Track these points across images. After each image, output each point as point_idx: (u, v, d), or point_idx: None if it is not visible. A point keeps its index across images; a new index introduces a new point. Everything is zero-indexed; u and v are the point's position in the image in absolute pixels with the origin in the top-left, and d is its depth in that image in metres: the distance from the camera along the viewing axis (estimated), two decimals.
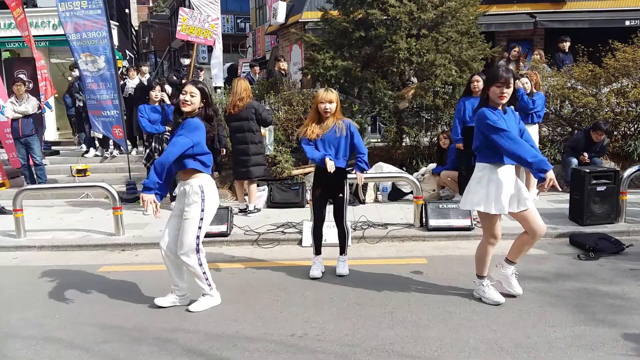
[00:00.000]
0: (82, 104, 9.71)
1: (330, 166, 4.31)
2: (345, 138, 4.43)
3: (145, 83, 9.86)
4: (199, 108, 3.80)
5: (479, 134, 3.75)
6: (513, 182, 3.73)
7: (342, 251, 4.73)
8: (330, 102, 4.37)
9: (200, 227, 3.82)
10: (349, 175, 4.62)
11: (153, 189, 3.64)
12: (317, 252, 4.72)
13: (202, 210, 3.80)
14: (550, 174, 3.49)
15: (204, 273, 3.91)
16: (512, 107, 3.86)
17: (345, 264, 4.69)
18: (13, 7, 9.82)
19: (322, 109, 4.38)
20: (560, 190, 3.64)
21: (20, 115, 8.10)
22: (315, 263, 4.68)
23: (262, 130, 7.14)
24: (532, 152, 3.53)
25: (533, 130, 6.70)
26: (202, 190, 3.80)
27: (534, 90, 6.85)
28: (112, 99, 8.26)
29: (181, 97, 3.75)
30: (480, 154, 3.80)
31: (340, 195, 4.54)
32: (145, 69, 10.86)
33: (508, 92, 3.62)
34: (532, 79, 7.04)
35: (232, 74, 12.22)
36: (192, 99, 3.74)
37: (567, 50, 9.54)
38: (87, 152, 10.18)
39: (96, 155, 10.08)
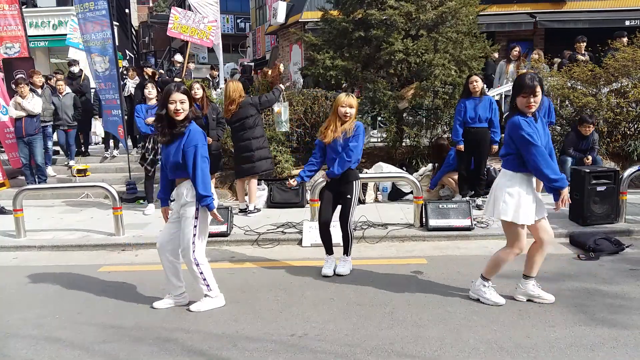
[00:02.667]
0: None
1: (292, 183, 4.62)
2: (350, 139, 4.46)
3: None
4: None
5: (510, 142, 3.66)
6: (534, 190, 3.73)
7: (345, 252, 4.74)
8: (351, 106, 4.42)
9: (196, 226, 3.82)
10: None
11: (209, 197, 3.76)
12: (329, 252, 4.74)
13: (197, 210, 3.80)
14: (565, 192, 3.55)
15: (201, 273, 3.89)
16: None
17: (347, 264, 4.70)
18: None
19: (342, 112, 4.42)
20: (569, 202, 3.70)
21: (24, 114, 8.12)
22: (327, 261, 4.71)
23: (276, 107, 7.11)
24: (556, 170, 3.55)
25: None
26: None
27: None
28: (116, 98, 8.33)
29: (171, 107, 3.68)
30: (510, 163, 3.69)
31: (348, 196, 4.54)
32: (192, 65, 10.92)
33: (536, 101, 3.56)
34: None
35: (247, 74, 12.12)
36: (182, 105, 3.71)
37: None
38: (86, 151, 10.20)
39: (85, 153, 10.06)
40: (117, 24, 18.27)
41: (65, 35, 16.70)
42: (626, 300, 3.93)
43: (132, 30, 28.63)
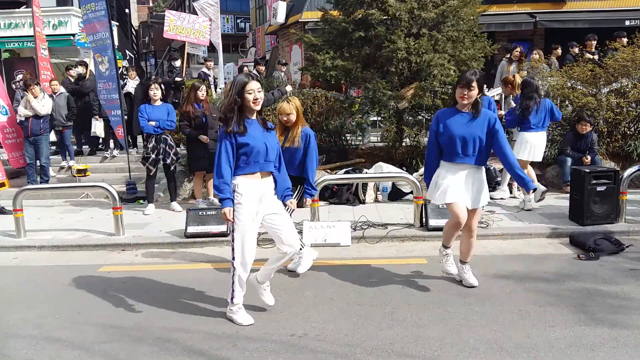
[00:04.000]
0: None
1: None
2: (302, 150, 4.48)
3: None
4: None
5: None
6: (462, 179, 4.00)
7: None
8: (288, 114, 4.44)
9: None
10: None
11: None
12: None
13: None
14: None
15: None
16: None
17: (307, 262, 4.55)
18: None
19: (283, 120, 4.50)
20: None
21: (31, 114, 8.14)
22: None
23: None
24: (428, 172, 4.24)
25: (540, 137, 6.56)
26: None
27: (515, 94, 6.69)
28: (116, 98, 8.35)
29: (249, 97, 3.51)
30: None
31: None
32: (210, 63, 10.97)
33: (469, 95, 3.87)
34: (509, 82, 6.86)
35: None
36: (259, 94, 3.56)
37: None
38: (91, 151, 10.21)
39: (91, 153, 10.09)
40: (117, 24, 18.27)
41: (67, 35, 16.75)
42: (626, 300, 3.93)
43: (132, 30, 28.62)
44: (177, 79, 10.38)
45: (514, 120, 6.62)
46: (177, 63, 11.02)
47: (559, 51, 9.84)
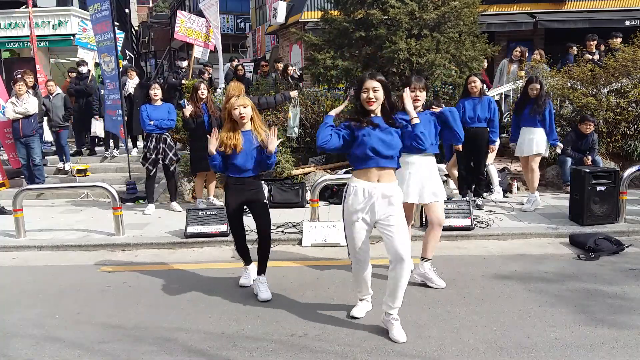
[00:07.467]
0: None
1: None
2: (262, 151, 4.06)
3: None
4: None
5: None
6: (419, 175, 4.17)
7: (262, 270, 4.23)
8: (245, 106, 4.01)
9: None
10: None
11: None
12: (247, 262, 4.48)
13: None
14: None
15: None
16: None
17: (267, 286, 4.18)
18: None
19: (237, 115, 3.99)
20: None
21: (21, 116, 8.10)
22: (245, 272, 4.49)
23: (290, 112, 7.27)
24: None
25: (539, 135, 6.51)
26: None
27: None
28: (119, 98, 8.36)
29: (363, 95, 3.42)
30: None
31: (265, 201, 4.25)
32: (232, 63, 11.09)
33: (376, 96, 3.67)
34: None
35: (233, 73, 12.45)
36: (375, 94, 3.40)
37: None
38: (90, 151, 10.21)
39: (91, 153, 10.10)
40: (117, 24, 18.26)
41: (67, 35, 16.76)
42: (626, 300, 3.93)
43: (132, 30, 28.63)
44: (184, 81, 10.35)
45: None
46: (184, 63, 10.99)
47: (575, 49, 9.65)
